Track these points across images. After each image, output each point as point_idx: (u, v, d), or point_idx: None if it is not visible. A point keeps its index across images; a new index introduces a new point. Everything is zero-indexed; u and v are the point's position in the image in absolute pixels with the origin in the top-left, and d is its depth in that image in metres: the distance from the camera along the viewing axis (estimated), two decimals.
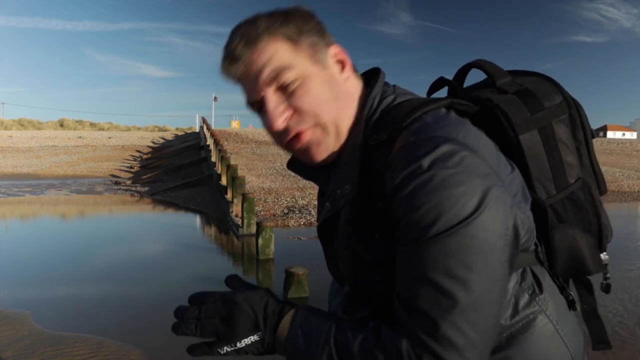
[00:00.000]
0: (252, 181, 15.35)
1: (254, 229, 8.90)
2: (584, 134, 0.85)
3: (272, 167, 18.90)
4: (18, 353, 4.08)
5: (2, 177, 21.39)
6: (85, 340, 4.34)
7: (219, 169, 15.41)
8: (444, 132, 0.69)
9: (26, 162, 25.78)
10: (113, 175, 22.42)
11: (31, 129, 51.52)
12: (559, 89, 0.85)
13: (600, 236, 0.86)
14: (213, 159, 18.66)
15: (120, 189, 18.10)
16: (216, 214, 12.41)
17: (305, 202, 12.31)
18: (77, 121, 62.83)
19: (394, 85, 0.84)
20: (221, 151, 15.94)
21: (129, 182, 20.29)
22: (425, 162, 0.64)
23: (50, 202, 14.71)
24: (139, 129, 61.60)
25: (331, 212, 0.79)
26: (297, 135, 0.76)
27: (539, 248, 0.81)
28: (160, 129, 60.25)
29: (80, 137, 38.46)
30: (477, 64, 0.91)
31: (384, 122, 0.75)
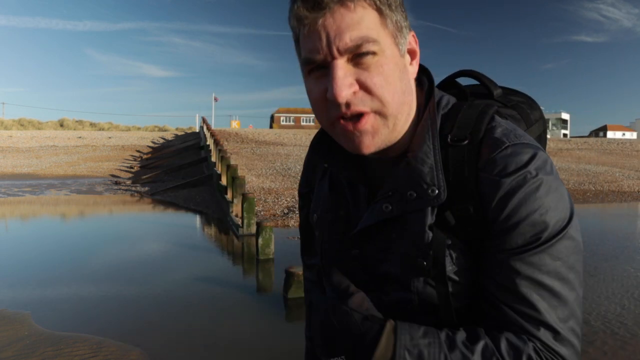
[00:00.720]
0: (252, 181, 15.35)
1: (254, 229, 8.91)
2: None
3: (272, 167, 18.91)
4: (18, 353, 4.08)
5: (2, 177, 21.41)
6: (85, 340, 4.34)
7: (219, 169, 15.42)
8: (530, 139, 0.71)
9: (26, 162, 25.81)
10: (113, 175, 22.43)
11: (31, 129, 51.55)
12: (538, 106, 0.94)
13: None
14: (213, 159, 18.67)
15: (120, 189, 18.11)
16: (216, 214, 12.41)
17: None
18: (77, 121, 62.89)
19: None
20: (221, 151, 15.94)
21: (129, 182, 20.30)
22: (532, 168, 0.67)
23: (50, 202, 14.73)
24: (139, 129, 61.62)
25: (392, 215, 0.72)
26: (357, 116, 0.68)
27: None
28: (160, 129, 60.29)
29: (80, 137, 38.48)
30: (471, 74, 0.91)
31: (455, 124, 0.74)
